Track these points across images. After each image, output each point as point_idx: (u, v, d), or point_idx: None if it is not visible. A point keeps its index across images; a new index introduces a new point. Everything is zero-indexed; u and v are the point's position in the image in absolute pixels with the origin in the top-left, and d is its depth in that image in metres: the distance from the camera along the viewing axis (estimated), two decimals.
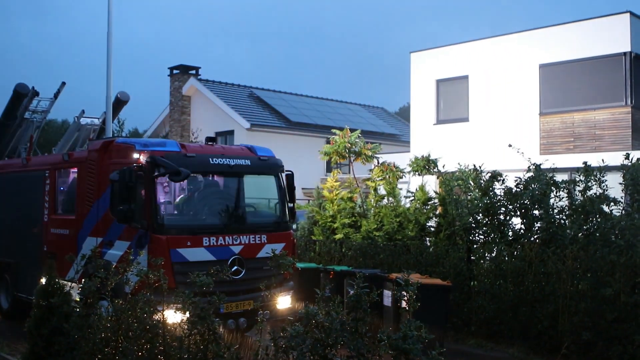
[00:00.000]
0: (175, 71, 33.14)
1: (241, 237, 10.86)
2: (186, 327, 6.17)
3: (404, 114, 43.20)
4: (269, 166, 11.86)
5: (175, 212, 11.29)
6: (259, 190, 12.14)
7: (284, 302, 11.05)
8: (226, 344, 6.22)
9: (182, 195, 11.42)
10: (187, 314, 6.16)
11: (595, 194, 12.15)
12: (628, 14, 20.56)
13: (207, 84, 33.24)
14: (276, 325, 6.35)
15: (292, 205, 12.14)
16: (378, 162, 18.42)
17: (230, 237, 10.72)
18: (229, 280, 9.87)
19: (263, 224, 11.57)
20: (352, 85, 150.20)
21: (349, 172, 19.53)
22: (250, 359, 6.22)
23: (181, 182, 10.81)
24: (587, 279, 10.90)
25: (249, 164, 11.44)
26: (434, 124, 25.11)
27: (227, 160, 11.09)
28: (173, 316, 6.59)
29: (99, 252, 9.91)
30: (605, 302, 10.50)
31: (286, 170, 12.17)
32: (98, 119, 17.55)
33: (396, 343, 4.69)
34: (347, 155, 18.40)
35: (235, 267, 10.60)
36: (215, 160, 10.95)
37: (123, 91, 17.87)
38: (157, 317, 6.63)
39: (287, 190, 12.07)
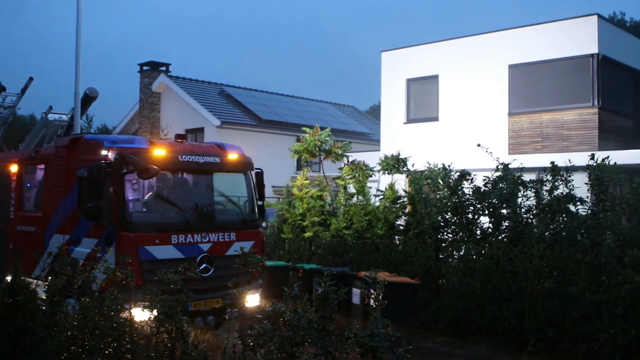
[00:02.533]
0: (145, 67, 32.90)
1: (210, 235, 10.83)
2: (153, 325, 6.14)
3: (375, 112, 43.31)
4: (239, 164, 11.83)
5: (144, 209, 11.21)
6: (229, 188, 12.10)
7: (252, 300, 11.04)
8: (194, 342, 6.20)
9: (150, 193, 11.34)
10: (155, 312, 6.13)
11: (561, 193, 12.29)
12: (596, 17, 20.83)
13: (178, 80, 33.06)
14: (245, 323, 6.35)
15: (261, 203, 12.13)
16: (348, 161, 18.46)
17: (199, 235, 10.68)
18: (197, 278, 9.87)
19: (232, 222, 11.53)
20: (324, 83, 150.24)
21: (319, 171, 19.54)
22: (218, 357, 6.19)
23: (150, 180, 10.76)
24: (553, 278, 11.03)
25: (219, 161, 11.40)
26: (404, 123, 25.23)
27: (197, 157, 11.04)
28: (140, 314, 6.56)
29: (66, 250, 9.83)
30: (570, 300, 10.64)
31: (256, 168, 12.15)
32: (66, 115, 17.33)
33: (363, 341, 4.71)
34: (317, 153, 18.43)
35: (204, 265, 10.57)
36: (185, 158, 10.90)
37: (92, 87, 17.66)
38: (124, 315, 6.59)
39: (256, 188, 12.06)
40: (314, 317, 5.27)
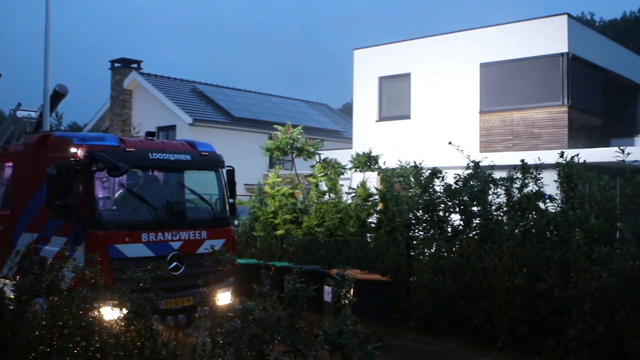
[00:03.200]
0: (116, 64, 32.67)
1: (181, 233, 10.77)
2: (122, 323, 6.09)
3: (347, 110, 43.37)
4: (210, 161, 11.78)
5: (114, 207, 11.12)
6: (200, 186, 12.04)
7: (223, 298, 11.00)
8: (163, 341, 6.17)
9: (121, 191, 11.26)
10: (124, 311, 6.09)
11: (531, 191, 12.40)
12: (566, 16, 21.06)
13: (149, 78, 32.86)
14: (216, 321, 6.33)
15: (232, 201, 12.10)
16: (320, 159, 18.47)
17: (170, 233, 10.63)
18: (168, 276, 9.83)
19: (203, 220, 11.48)
20: (297, 81, 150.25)
21: (292, 168, 19.53)
22: (187, 355, 6.16)
23: (120, 177, 10.67)
24: (523, 274, 11.12)
25: (190, 159, 11.34)
26: (377, 121, 25.30)
27: (167, 155, 10.97)
28: (110, 313, 6.51)
29: (34, 248, 9.74)
30: (540, 296, 10.74)
31: (227, 166, 12.11)
32: (35, 112, 17.12)
33: (332, 338, 4.72)
34: (289, 151, 18.42)
35: (175, 263, 10.51)
36: (155, 155, 10.83)
37: (61, 84, 17.45)
38: (93, 314, 6.54)
39: (227, 185, 12.03)
40: (283, 315, 5.27)
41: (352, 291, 11.46)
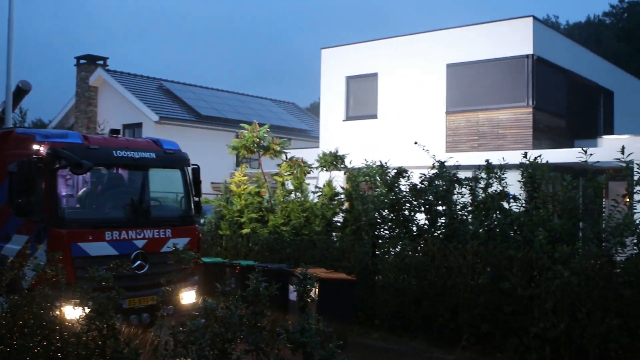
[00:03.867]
0: (82, 61, 32.29)
1: (145, 231, 10.70)
2: (84, 322, 6.04)
3: (315, 109, 43.38)
4: (175, 159, 11.71)
5: (77, 205, 11.01)
6: (164, 184, 11.98)
7: (188, 297, 10.95)
8: (125, 340, 6.12)
9: (84, 189, 11.15)
10: (86, 310, 6.03)
11: (495, 191, 12.52)
12: (531, 18, 21.30)
13: (115, 75, 32.54)
14: (179, 320, 6.30)
15: (197, 199, 12.04)
16: (286, 157, 18.46)
17: (134, 231, 10.54)
18: (132, 275, 9.76)
19: (168, 218, 11.41)
20: (265, 80, 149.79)
21: (259, 167, 19.50)
22: (149, 354, 6.13)
23: (84, 175, 10.57)
24: (486, 273, 11.24)
25: (154, 157, 11.26)
26: (344, 120, 25.36)
27: (131, 153, 10.88)
28: (72, 312, 6.45)
29: None
30: (503, 295, 10.85)
31: (192, 164, 12.04)
32: None
33: (294, 336, 4.73)
34: (255, 149, 18.37)
35: (139, 262, 10.44)
36: (119, 153, 10.73)
37: (25, 80, 17.27)
38: (54, 313, 6.46)
39: (192, 184, 11.96)
40: (246, 314, 5.26)
41: (316, 290, 11.52)
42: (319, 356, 4.83)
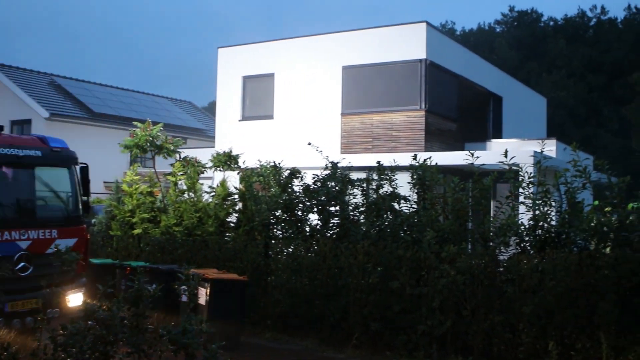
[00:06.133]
0: None
1: (29, 232, 10.30)
2: None
3: (213, 109, 43.05)
4: (62, 158, 11.33)
5: None
6: (51, 183, 11.57)
7: (75, 299, 10.62)
8: (3, 344, 5.88)
9: None
10: None
11: (387, 192, 12.74)
12: (425, 24, 21.76)
13: (3, 68, 31.24)
14: (60, 323, 6.10)
15: (86, 199, 11.70)
16: (180, 157, 18.20)
17: (17, 232, 10.14)
18: (14, 277, 9.39)
19: (54, 219, 11.03)
20: (163, 79, 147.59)
21: (153, 167, 19.15)
22: (29, 359, 5.90)
23: None
24: (377, 273, 11.40)
25: (40, 155, 10.86)
26: (240, 120, 25.23)
27: (16, 150, 10.46)
28: None
29: None
30: (392, 294, 11.07)
31: (81, 163, 11.69)
32: None
33: (175, 337, 4.66)
34: (148, 148, 18.02)
35: (22, 264, 10.05)
36: (2, 151, 10.30)
37: None
38: None
39: (81, 183, 11.62)
40: (128, 315, 5.15)
41: (207, 291, 11.41)
42: (201, 357, 4.78)
